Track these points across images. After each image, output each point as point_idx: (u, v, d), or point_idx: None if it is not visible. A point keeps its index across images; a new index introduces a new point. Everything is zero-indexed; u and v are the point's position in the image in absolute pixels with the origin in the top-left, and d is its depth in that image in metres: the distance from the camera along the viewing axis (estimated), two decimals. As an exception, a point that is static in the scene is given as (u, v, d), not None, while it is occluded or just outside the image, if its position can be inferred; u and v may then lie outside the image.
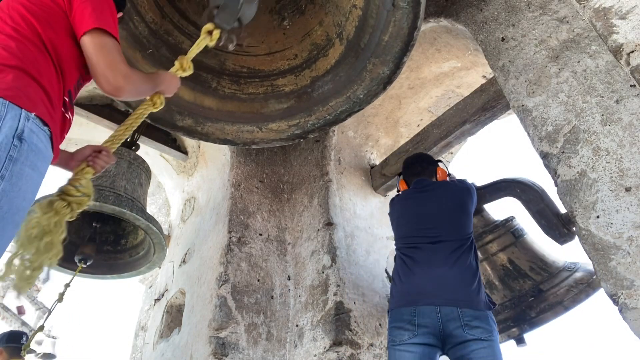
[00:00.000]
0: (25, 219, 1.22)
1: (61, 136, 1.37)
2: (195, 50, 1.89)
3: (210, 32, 1.91)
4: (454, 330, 1.75)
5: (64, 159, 1.59)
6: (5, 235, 1.09)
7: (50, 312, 2.67)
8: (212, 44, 1.93)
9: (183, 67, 1.84)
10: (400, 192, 2.47)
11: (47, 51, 1.30)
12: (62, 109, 1.35)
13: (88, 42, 1.37)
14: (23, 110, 1.14)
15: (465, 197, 2.18)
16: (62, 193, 1.43)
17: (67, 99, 1.38)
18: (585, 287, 2.17)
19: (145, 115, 1.76)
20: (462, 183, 2.29)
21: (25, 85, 1.18)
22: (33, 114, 1.16)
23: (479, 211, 2.63)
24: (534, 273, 2.33)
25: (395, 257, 2.18)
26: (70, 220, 1.42)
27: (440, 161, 2.53)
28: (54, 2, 1.37)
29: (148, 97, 1.73)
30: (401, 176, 2.52)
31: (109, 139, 1.68)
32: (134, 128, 1.75)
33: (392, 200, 2.42)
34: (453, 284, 1.84)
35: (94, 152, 1.58)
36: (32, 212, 1.30)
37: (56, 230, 1.34)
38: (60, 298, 2.70)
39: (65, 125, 1.38)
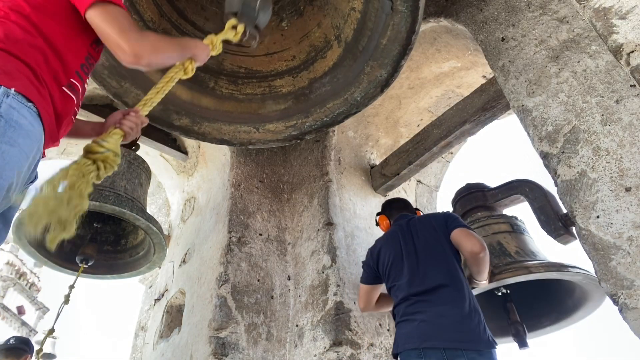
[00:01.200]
0: (51, 176, 1.19)
1: (62, 114, 1.32)
2: (221, 36, 1.88)
3: (234, 27, 1.94)
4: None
5: (96, 129, 1.57)
6: None
7: (58, 314, 2.68)
8: (236, 38, 1.95)
9: (213, 43, 1.81)
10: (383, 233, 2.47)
11: (37, 33, 1.27)
12: (62, 88, 1.31)
13: (93, 16, 1.33)
14: (1, 87, 1.12)
15: (443, 230, 2.18)
16: (87, 152, 1.35)
17: (73, 80, 1.34)
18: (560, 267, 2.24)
19: (176, 80, 1.70)
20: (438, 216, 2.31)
21: (4, 63, 1.16)
22: (12, 89, 1.13)
23: (490, 207, 2.67)
24: (518, 255, 2.38)
25: (391, 297, 2.18)
26: (98, 181, 1.33)
27: (417, 209, 2.63)
28: None
29: (179, 62, 1.66)
30: (380, 214, 2.58)
31: (141, 103, 1.63)
32: (165, 92, 1.68)
33: (378, 243, 2.38)
34: (456, 326, 1.85)
35: (122, 116, 1.54)
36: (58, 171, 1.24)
37: (80, 186, 1.25)
38: (67, 300, 2.70)
39: (67, 104, 1.34)
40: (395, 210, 2.50)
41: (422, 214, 2.53)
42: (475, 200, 2.72)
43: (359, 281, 2.75)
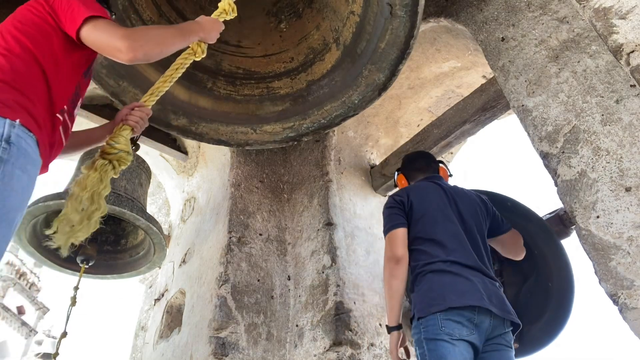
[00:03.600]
0: (74, 179, 1.33)
1: (53, 142, 1.39)
2: (223, 5, 1.79)
3: None
4: (497, 338, 1.79)
5: (108, 129, 1.64)
6: (6, 234, 1.13)
7: (68, 316, 2.68)
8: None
9: (226, 10, 1.76)
10: (410, 184, 2.28)
11: (37, 65, 1.34)
12: (56, 115, 1.38)
13: (85, 34, 1.40)
14: (7, 119, 1.19)
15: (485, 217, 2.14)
16: (102, 153, 1.50)
17: (60, 117, 1.40)
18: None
19: (187, 65, 1.67)
20: (481, 197, 2.21)
21: (7, 98, 1.23)
22: (17, 121, 1.21)
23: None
24: None
25: (419, 249, 1.96)
26: (116, 176, 1.51)
27: (442, 162, 2.45)
28: (42, 19, 1.41)
29: (189, 46, 1.66)
30: (400, 172, 2.41)
31: (148, 93, 1.66)
32: (175, 80, 1.67)
33: (408, 190, 2.18)
34: (501, 297, 1.85)
35: (128, 111, 1.62)
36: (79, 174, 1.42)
37: (99, 186, 1.42)
38: (73, 302, 2.70)
39: (57, 132, 1.40)
40: (415, 172, 2.32)
41: (450, 177, 2.39)
42: None
43: (359, 281, 2.75)
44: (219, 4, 1.77)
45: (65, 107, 1.42)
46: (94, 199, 1.41)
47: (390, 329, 1.88)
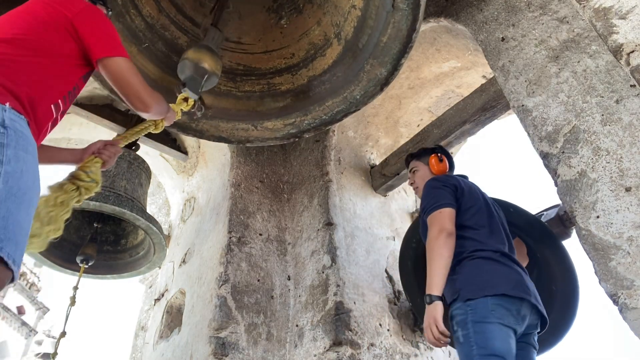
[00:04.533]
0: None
1: (37, 136, 1.40)
2: (177, 106, 2.11)
3: (185, 99, 2.18)
4: (528, 337, 1.81)
5: (75, 155, 1.72)
6: (21, 212, 1.14)
7: (67, 316, 2.69)
8: (187, 108, 2.17)
9: (175, 111, 2.04)
10: (454, 175, 2.24)
11: (36, 57, 1.38)
12: (50, 106, 1.41)
13: (114, 67, 1.55)
14: None
15: None
16: (73, 177, 1.58)
17: (53, 111, 1.44)
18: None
19: (144, 133, 1.96)
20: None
21: None
22: (7, 104, 1.23)
23: None
24: None
25: (466, 236, 1.92)
26: (78, 204, 1.57)
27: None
28: (54, 19, 1.46)
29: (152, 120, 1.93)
30: (442, 155, 2.31)
31: (121, 137, 1.92)
32: (131, 140, 1.96)
33: (456, 178, 2.14)
34: (539, 297, 1.85)
35: (102, 146, 1.74)
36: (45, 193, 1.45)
37: (60, 208, 1.46)
38: (73, 302, 2.71)
39: (48, 120, 1.43)
40: (451, 164, 2.33)
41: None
42: None
43: (359, 281, 2.75)
44: (178, 98, 2.16)
45: (59, 101, 1.45)
46: (52, 219, 1.44)
47: (434, 299, 1.76)
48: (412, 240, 2.74)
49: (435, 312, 1.72)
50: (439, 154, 2.31)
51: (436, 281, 1.77)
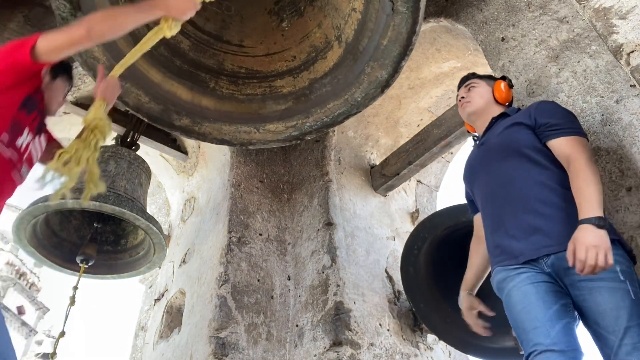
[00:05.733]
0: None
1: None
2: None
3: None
4: None
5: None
6: None
7: (66, 316, 2.70)
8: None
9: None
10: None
11: None
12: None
13: (41, 46, 1.52)
14: None
15: None
16: (83, 129, 1.72)
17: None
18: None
19: (156, 40, 1.71)
20: None
21: None
22: None
23: None
24: None
25: None
26: (103, 142, 1.71)
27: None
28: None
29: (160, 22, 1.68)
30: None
31: (117, 65, 1.81)
32: (142, 52, 1.77)
33: None
34: None
35: (104, 87, 1.80)
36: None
37: (87, 150, 1.63)
38: (72, 302, 2.71)
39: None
40: (510, 104, 1.98)
41: None
42: None
43: (359, 281, 2.75)
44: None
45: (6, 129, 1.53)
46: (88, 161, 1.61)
47: (604, 223, 1.42)
48: (414, 247, 2.71)
49: (606, 237, 1.38)
50: (509, 82, 2.01)
51: (600, 201, 1.44)
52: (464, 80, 2.05)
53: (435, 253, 2.70)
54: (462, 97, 1.96)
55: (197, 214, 3.55)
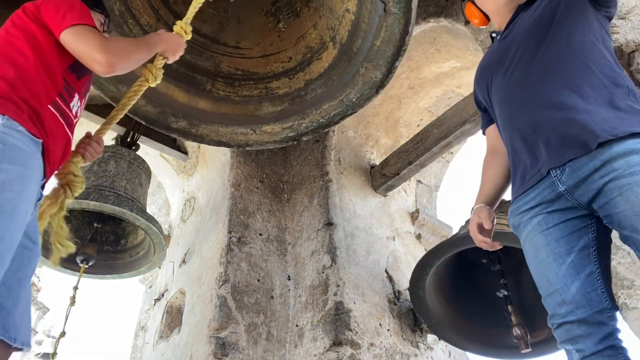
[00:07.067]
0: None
1: (52, 134, 1.43)
2: (191, 12, 1.86)
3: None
4: None
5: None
6: (3, 223, 1.18)
7: (67, 316, 2.69)
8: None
9: (183, 30, 1.81)
10: None
11: (27, 61, 1.41)
12: (48, 106, 1.43)
13: (66, 39, 1.46)
14: None
15: None
16: (57, 182, 1.62)
17: (58, 100, 1.47)
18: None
19: (141, 92, 1.77)
20: None
21: None
22: (6, 116, 1.27)
23: None
24: None
25: None
26: (70, 200, 1.62)
27: None
28: (25, 24, 1.48)
29: (142, 74, 1.74)
30: None
31: (103, 123, 1.79)
32: (129, 107, 1.78)
33: None
34: None
35: (87, 140, 1.73)
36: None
37: (53, 208, 1.55)
38: (73, 302, 2.71)
39: (56, 125, 1.46)
40: None
41: None
42: None
43: (359, 281, 2.75)
44: (174, 27, 1.82)
45: (56, 99, 1.46)
46: (53, 220, 1.54)
47: None
48: (423, 273, 2.59)
49: None
50: None
51: None
52: None
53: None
54: None
55: (197, 214, 3.55)
